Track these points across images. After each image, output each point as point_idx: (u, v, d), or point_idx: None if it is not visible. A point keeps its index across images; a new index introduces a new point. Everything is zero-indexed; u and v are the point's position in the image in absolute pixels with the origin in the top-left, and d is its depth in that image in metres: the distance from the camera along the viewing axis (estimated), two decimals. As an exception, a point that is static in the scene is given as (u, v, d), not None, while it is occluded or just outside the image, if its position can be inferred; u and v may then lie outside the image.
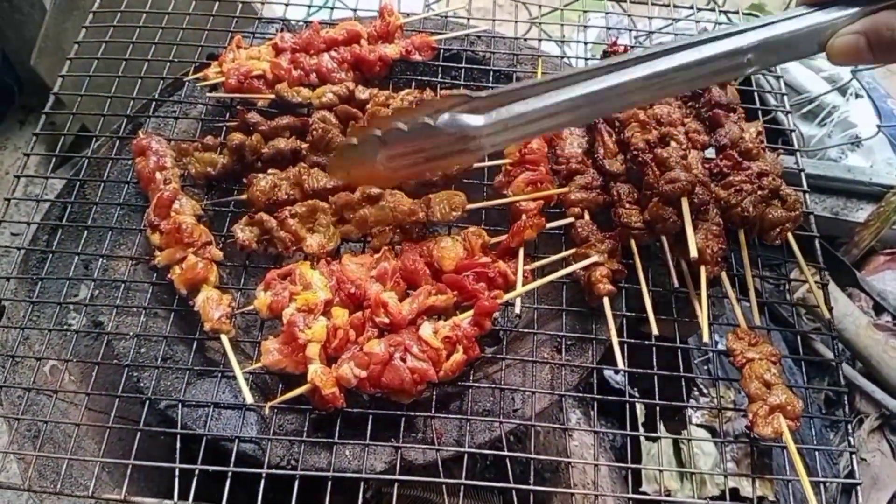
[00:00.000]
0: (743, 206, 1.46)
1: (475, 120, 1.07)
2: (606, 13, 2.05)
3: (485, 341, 1.69)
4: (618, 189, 1.51)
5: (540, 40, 1.89)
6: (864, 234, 2.56)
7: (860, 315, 2.38)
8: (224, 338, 1.39)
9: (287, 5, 1.92)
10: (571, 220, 1.49)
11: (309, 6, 1.94)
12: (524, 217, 1.46)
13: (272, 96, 1.65)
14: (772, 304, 2.05)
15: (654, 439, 2.11)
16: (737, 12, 2.06)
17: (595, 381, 1.55)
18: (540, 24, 2.12)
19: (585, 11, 2.46)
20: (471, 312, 1.36)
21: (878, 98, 3.01)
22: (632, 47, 1.72)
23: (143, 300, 1.49)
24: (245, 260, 1.53)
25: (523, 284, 1.39)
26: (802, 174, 1.64)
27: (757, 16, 2.07)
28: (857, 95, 3.04)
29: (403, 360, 1.30)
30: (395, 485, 1.30)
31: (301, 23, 1.90)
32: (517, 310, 1.41)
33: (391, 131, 1.09)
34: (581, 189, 1.50)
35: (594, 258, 1.40)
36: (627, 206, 1.48)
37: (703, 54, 1.07)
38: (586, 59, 1.82)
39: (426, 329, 1.34)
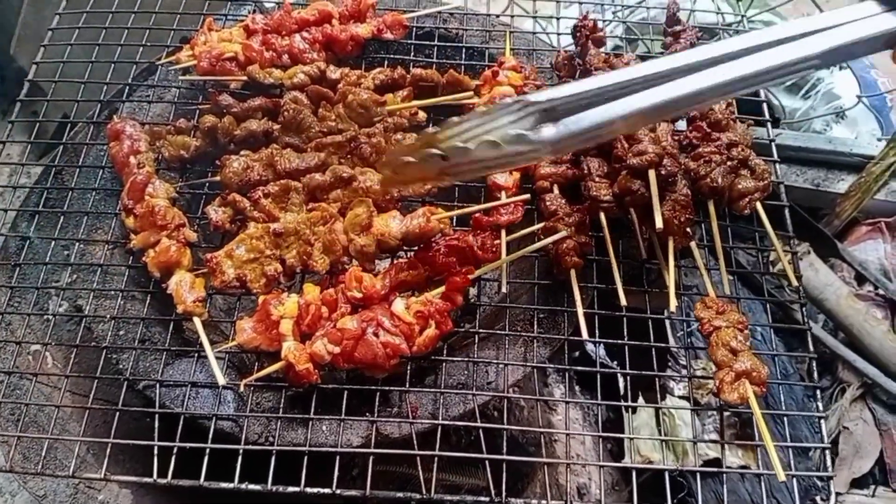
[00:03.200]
0: (712, 176, 1.47)
1: (542, 135, 1.05)
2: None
3: (464, 317, 1.71)
4: (588, 163, 1.51)
5: (513, 16, 1.88)
6: (846, 204, 2.56)
7: (841, 285, 2.40)
8: (197, 320, 1.41)
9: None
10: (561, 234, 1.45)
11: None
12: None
13: (244, 78, 1.66)
14: (746, 274, 2.06)
15: (636, 412, 2.15)
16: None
17: (578, 355, 1.59)
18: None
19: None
20: (442, 288, 1.38)
21: (861, 69, 3.00)
22: (605, 22, 1.72)
23: (121, 283, 1.51)
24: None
25: (491, 261, 1.41)
26: (773, 144, 1.65)
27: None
28: (841, 67, 3.03)
29: (376, 335, 1.32)
30: (371, 458, 1.32)
31: (273, 4, 1.90)
32: (503, 288, 1.43)
33: (454, 150, 1.09)
34: (551, 163, 1.51)
35: (562, 233, 1.42)
36: (597, 179, 1.49)
37: (775, 61, 1.03)
38: (558, 33, 1.82)
39: (398, 304, 1.35)
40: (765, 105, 1.74)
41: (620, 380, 2.09)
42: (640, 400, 1.98)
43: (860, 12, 1.03)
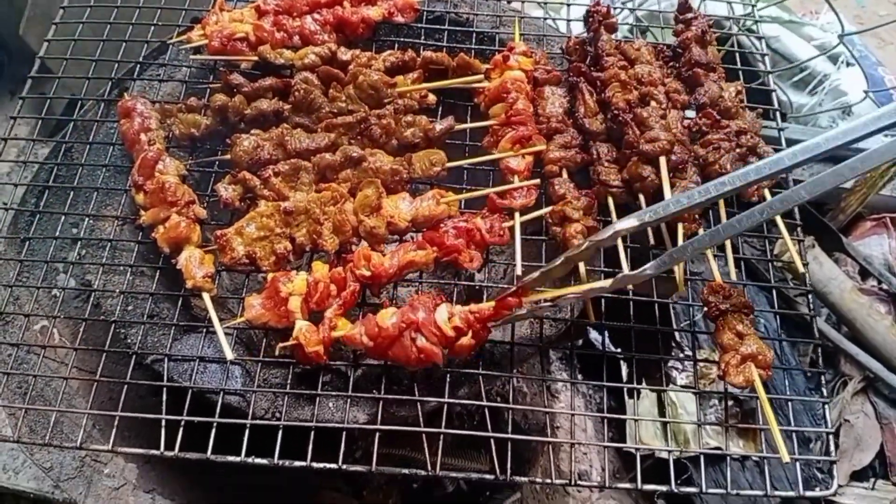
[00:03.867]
0: (720, 163, 1.48)
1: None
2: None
3: (471, 299, 1.72)
4: (597, 148, 1.52)
5: (523, 1, 1.88)
6: (851, 199, 2.57)
7: (845, 279, 2.40)
8: (206, 296, 1.41)
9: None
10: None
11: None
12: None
13: (255, 58, 1.66)
14: (751, 267, 2.07)
15: (638, 398, 2.16)
16: None
17: (581, 342, 1.59)
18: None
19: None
20: (492, 303, 1.35)
21: (869, 66, 3.00)
22: (617, 9, 1.73)
23: (130, 259, 1.52)
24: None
25: (500, 244, 1.41)
26: (781, 133, 1.66)
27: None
28: (849, 64, 3.02)
29: (413, 340, 1.31)
30: (377, 434, 1.32)
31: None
32: (518, 270, 1.42)
33: None
34: (560, 148, 1.52)
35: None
36: (606, 164, 1.50)
37: None
38: (568, 20, 1.82)
39: (441, 312, 1.33)
40: (774, 95, 1.74)
41: (624, 367, 2.10)
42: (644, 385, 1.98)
43: None
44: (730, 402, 2.46)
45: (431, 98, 1.63)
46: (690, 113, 1.62)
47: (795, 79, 2.99)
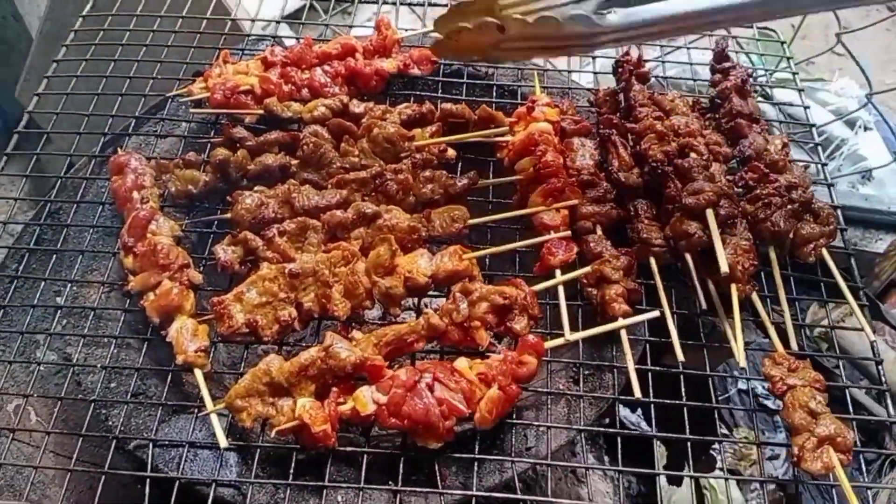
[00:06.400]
0: (773, 220, 1.34)
1: (606, 20, 1.02)
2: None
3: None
4: (635, 204, 1.39)
5: (546, 71, 1.77)
6: (885, 265, 2.44)
7: (887, 349, 2.25)
8: (198, 372, 1.25)
9: (279, 22, 1.84)
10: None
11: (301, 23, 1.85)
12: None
13: (260, 112, 1.54)
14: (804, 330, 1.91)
15: (679, 484, 1.96)
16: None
17: (617, 423, 1.41)
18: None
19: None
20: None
21: (885, 130, 2.94)
22: (646, 61, 1.62)
23: (115, 329, 1.36)
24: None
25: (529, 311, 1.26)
26: (832, 189, 1.53)
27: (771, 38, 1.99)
28: (866, 128, 2.97)
29: (430, 390, 1.16)
30: (393, 535, 1.14)
31: (294, 41, 1.80)
32: (568, 336, 1.27)
33: (511, 21, 1.06)
34: (593, 202, 1.38)
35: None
36: (646, 221, 1.36)
37: None
38: (594, 84, 1.72)
39: (461, 361, 1.21)
40: (819, 146, 1.63)
41: (657, 450, 1.92)
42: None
43: None
44: (771, 487, 2.28)
45: (451, 152, 1.50)
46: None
47: (812, 144, 2.92)
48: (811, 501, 2.04)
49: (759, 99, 2.26)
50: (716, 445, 2.04)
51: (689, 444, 1.23)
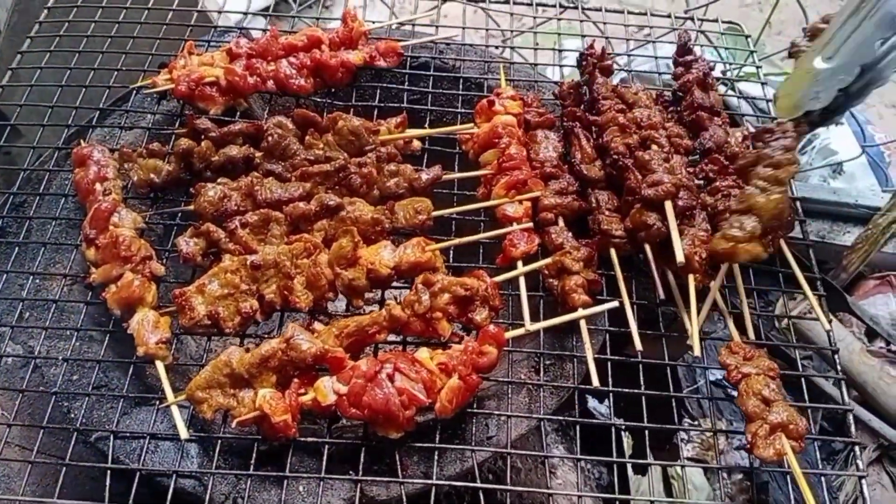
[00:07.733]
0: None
1: None
2: (583, 36, 1.96)
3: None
4: (596, 196, 1.40)
5: (512, 64, 1.78)
6: (853, 257, 2.46)
7: (853, 340, 2.27)
8: (159, 364, 1.24)
9: (246, 14, 1.83)
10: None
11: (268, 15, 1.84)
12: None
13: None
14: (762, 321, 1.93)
15: (644, 473, 1.98)
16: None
17: (577, 411, 1.42)
18: (512, 47, 2.01)
19: (560, 34, 2.38)
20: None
21: (856, 124, 2.97)
22: (610, 55, 1.63)
23: (77, 322, 1.35)
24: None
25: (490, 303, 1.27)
26: (792, 181, 1.55)
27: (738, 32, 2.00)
28: (838, 123, 3.00)
29: (391, 380, 1.16)
30: (354, 523, 1.15)
31: (260, 32, 1.79)
32: (528, 326, 1.28)
33: None
34: (556, 194, 1.39)
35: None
36: (607, 213, 1.37)
37: None
38: (560, 65, 1.73)
39: (422, 351, 1.22)
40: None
41: (626, 440, 1.93)
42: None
43: None
44: (738, 476, 2.31)
45: (416, 144, 1.50)
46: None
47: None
48: (778, 490, 2.07)
49: (730, 93, 2.29)
50: (683, 435, 2.06)
51: (646, 432, 1.24)
